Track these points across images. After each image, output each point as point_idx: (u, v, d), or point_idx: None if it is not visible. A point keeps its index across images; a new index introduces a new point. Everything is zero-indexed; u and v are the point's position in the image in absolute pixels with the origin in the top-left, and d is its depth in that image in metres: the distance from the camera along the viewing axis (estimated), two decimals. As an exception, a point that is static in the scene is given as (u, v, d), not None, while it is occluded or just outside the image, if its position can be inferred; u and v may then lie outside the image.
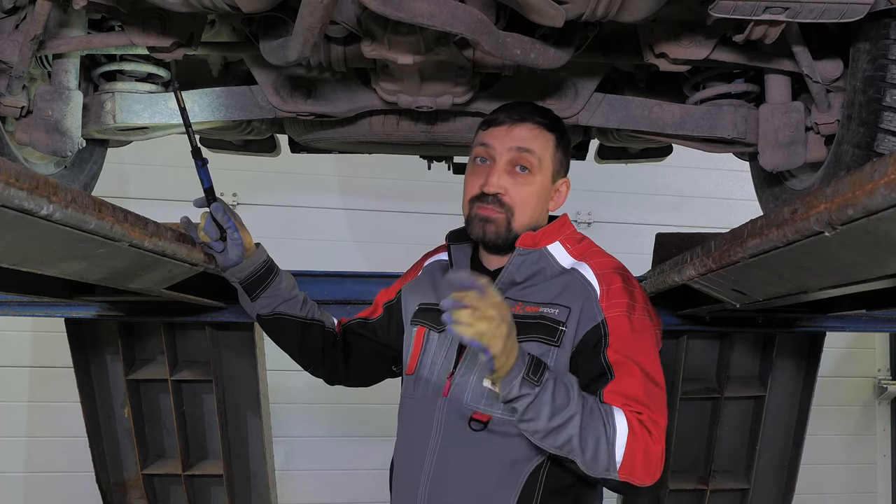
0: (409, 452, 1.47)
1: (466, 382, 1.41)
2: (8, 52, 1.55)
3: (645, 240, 2.51)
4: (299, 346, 1.67)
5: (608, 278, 1.41)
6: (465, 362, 1.43)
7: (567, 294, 1.39)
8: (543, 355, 1.35)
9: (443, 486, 1.39)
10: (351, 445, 4.24)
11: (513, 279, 1.45)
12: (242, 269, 1.60)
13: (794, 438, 2.66)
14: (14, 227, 0.94)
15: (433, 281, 1.59)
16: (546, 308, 1.39)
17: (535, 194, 1.45)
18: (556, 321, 1.38)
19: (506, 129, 1.44)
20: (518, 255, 1.44)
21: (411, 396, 1.51)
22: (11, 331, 3.98)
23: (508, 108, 1.48)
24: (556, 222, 1.50)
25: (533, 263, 1.44)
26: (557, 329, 1.37)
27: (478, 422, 1.39)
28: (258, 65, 1.76)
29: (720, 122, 1.78)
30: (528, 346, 1.34)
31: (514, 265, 1.44)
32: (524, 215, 1.44)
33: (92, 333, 2.53)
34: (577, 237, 1.51)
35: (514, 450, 1.37)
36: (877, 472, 4.85)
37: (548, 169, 1.46)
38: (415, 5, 1.24)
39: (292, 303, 1.65)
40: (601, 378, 1.34)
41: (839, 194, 0.92)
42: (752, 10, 1.25)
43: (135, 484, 2.63)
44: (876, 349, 4.86)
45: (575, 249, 1.47)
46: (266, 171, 3.90)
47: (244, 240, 1.58)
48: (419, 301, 1.59)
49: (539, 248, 1.45)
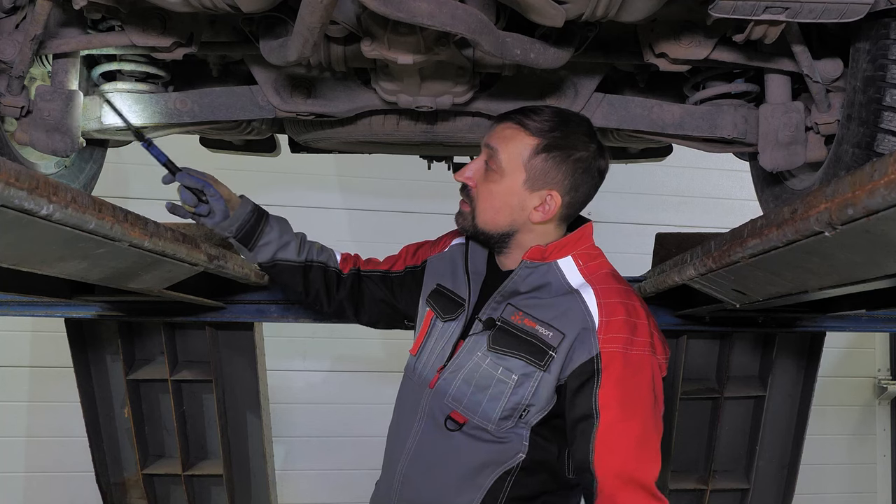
0: (398, 432, 1.50)
1: (452, 380, 1.42)
2: (8, 52, 1.55)
3: (645, 240, 2.50)
4: (303, 289, 1.68)
5: (610, 309, 1.35)
6: (457, 358, 1.44)
7: (565, 319, 1.35)
8: (528, 375, 1.35)
9: (415, 474, 1.42)
10: (351, 445, 4.24)
11: (517, 289, 1.42)
12: (231, 222, 1.58)
13: (794, 438, 2.66)
14: (14, 227, 0.93)
15: (454, 264, 1.58)
16: (542, 327, 1.36)
17: (501, 195, 1.40)
18: (547, 344, 1.34)
19: (494, 125, 1.45)
20: (524, 268, 1.42)
21: (410, 377, 1.53)
22: (11, 331, 3.98)
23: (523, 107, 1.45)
24: (573, 234, 1.45)
25: (541, 276, 1.41)
26: (547, 353, 1.34)
27: (454, 421, 1.40)
28: (258, 65, 1.76)
29: (720, 122, 1.78)
30: (514, 364, 1.35)
31: (520, 277, 1.42)
32: (486, 213, 1.42)
33: (92, 333, 2.53)
34: (591, 254, 1.45)
35: (484, 454, 1.38)
36: (877, 472, 4.85)
37: (517, 172, 1.39)
38: (415, 5, 1.24)
39: (288, 248, 1.65)
40: (587, 419, 1.31)
41: (839, 194, 0.92)
42: (752, 10, 1.25)
43: (135, 484, 2.63)
44: (876, 349, 4.86)
45: (586, 268, 1.42)
46: (266, 171, 3.90)
47: (222, 193, 1.57)
48: (437, 281, 1.58)
49: (548, 262, 1.42)
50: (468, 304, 1.49)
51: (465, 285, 1.51)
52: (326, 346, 4.33)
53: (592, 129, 1.46)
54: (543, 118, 1.40)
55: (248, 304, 2.33)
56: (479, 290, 1.50)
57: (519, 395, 1.36)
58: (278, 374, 2.97)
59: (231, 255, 1.82)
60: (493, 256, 1.53)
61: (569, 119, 1.44)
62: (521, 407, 1.37)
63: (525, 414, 1.37)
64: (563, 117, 1.43)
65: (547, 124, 1.39)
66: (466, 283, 1.51)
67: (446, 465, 1.39)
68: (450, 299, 1.53)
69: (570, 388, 1.34)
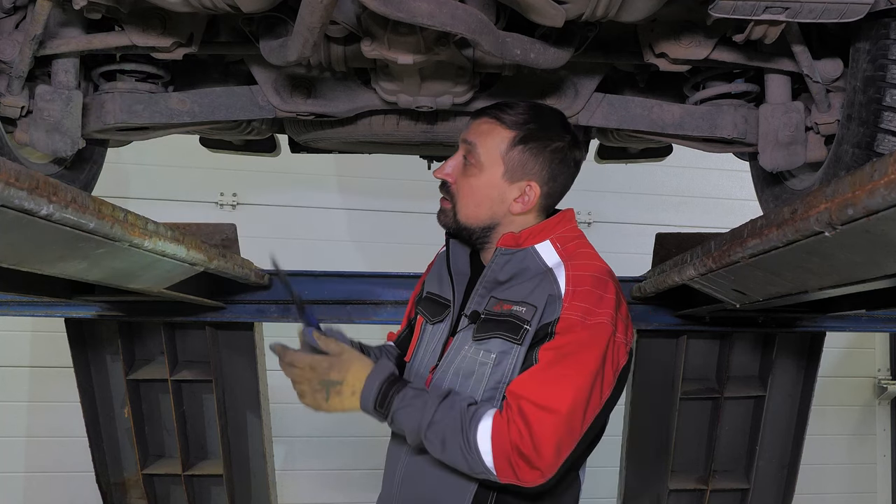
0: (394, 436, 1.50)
1: (445, 377, 1.42)
2: (8, 52, 1.55)
3: (645, 240, 2.51)
4: None
5: (578, 280, 1.35)
6: (447, 356, 1.44)
7: (536, 293, 1.37)
8: (506, 353, 1.35)
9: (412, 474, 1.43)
10: (351, 445, 4.24)
11: (496, 278, 1.43)
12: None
13: (794, 438, 2.66)
14: (14, 227, 0.94)
15: (439, 270, 1.59)
16: (517, 306, 1.37)
17: (481, 188, 1.42)
18: (522, 319, 1.36)
19: (470, 120, 1.46)
20: (500, 255, 1.43)
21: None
22: (11, 331, 3.98)
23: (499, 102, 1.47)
24: (550, 220, 1.47)
25: (518, 262, 1.42)
26: (521, 327, 1.35)
27: None
28: (258, 65, 1.76)
29: (720, 122, 1.78)
30: (493, 344, 1.37)
31: (498, 265, 1.43)
32: (467, 207, 1.43)
33: (92, 333, 2.53)
34: (569, 236, 1.46)
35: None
36: (877, 472, 4.85)
37: (496, 166, 1.41)
38: (415, 5, 1.24)
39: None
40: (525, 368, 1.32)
41: (839, 194, 0.92)
42: (752, 10, 1.25)
43: (135, 484, 2.63)
44: (876, 349, 4.85)
45: (564, 249, 1.42)
46: (266, 171, 3.90)
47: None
48: (427, 290, 1.60)
49: (524, 247, 1.43)
50: (454, 303, 1.50)
51: (449, 286, 1.52)
52: (326, 346, 4.32)
53: (566, 121, 1.50)
54: (518, 111, 1.42)
55: (248, 304, 2.33)
56: (463, 290, 1.51)
57: (499, 373, 1.36)
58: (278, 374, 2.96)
59: (231, 255, 1.82)
60: (476, 255, 1.54)
61: (543, 112, 1.47)
62: (502, 385, 1.35)
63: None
64: (538, 110, 1.46)
65: (522, 117, 1.41)
66: (450, 284, 1.52)
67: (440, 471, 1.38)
68: (437, 303, 1.54)
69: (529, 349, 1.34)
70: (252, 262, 2.16)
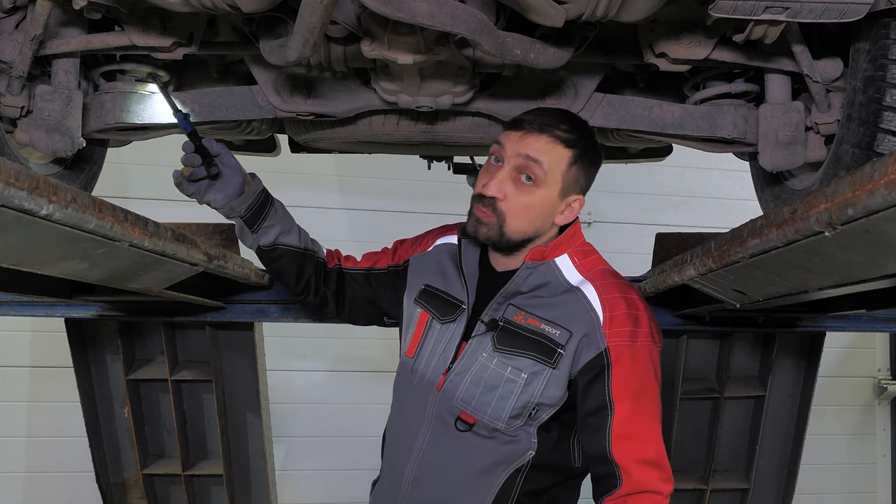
0: (401, 435, 1.51)
1: (461, 381, 1.43)
2: (8, 52, 1.55)
3: (645, 240, 2.51)
4: (296, 276, 1.63)
5: (612, 304, 1.41)
6: (461, 360, 1.44)
7: (570, 317, 1.40)
8: (537, 374, 1.39)
9: (426, 475, 1.44)
10: (351, 445, 4.24)
11: (518, 290, 1.46)
12: (243, 200, 1.49)
13: (794, 438, 2.66)
14: (14, 227, 0.93)
15: (441, 265, 1.59)
16: (548, 326, 1.40)
17: (537, 206, 1.42)
18: (555, 342, 1.39)
19: (521, 134, 1.42)
20: (525, 269, 1.45)
21: (409, 379, 1.53)
22: (11, 331, 3.98)
23: (536, 114, 1.45)
24: (566, 233, 1.49)
25: (541, 275, 1.45)
26: (556, 351, 1.39)
27: (464, 422, 1.42)
28: (258, 65, 1.76)
29: (720, 122, 1.78)
30: (523, 363, 1.39)
31: (521, 278, 1.45)
32: (519, 223, 1.42)
33: (92, 333, 2.53)
34: (584, 250, 1.50)
35: (496, 453, 1.41)
36: (877, 472, 4.85)
37: (556, 183, 1.41)
38: (415, 5, 1.24)
39: (291, 233, 1.60)
40: (601, 412, 1.38)
41: (839, 194, 0.92)
42: (752, 10, 1.25)
43: (135, 484, 2.63)
44: (876, 349, 4.86)
45: (582, 265, 1.47)
46: (266, 171, 3.88)
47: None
48: (425, 281, 1.59)
49: (547, 261, 1.46)
50: (468, 305, 1.50)
51: (462, 287, 1.52)
52: (326, 346, 4.33)
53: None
54: (567, 127, 1.43)
55: (248, 304, 2.33)
56: (475, 291, 1.51)
57: (528, 393, 1.40)
58: (278, 374, 2.97)
59: (231, 255, 1.82)
60: (483, 256, 1.54)
61: (582, 123, 1.50)
62: (531, 405, 1.40)
63: (535, 412, 1.41)
64: (579, 123, 1.49)
65: (574, 134, 1.43)
66: (463, 285, 1.52)
67: (458, 466, 1.41)
68: (445, 301, 1.53)
69: (580, 384, 1.39)
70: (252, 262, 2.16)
